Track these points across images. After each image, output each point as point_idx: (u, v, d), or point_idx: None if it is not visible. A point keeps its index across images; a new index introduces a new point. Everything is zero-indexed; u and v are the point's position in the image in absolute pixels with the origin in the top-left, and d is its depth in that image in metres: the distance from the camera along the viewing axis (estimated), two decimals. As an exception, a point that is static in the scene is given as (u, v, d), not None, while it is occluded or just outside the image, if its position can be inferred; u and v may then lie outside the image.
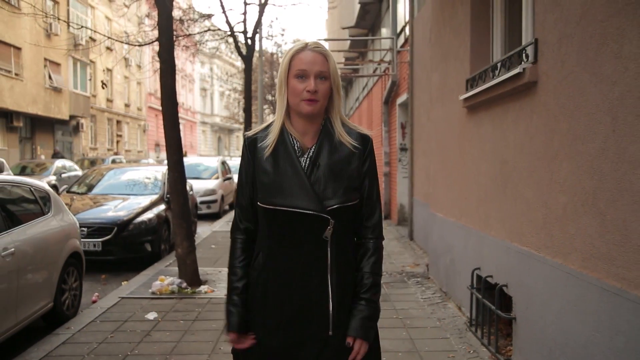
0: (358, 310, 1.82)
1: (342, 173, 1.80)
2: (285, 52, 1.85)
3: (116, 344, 4.35)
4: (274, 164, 1.80)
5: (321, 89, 1.78)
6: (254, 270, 1.87)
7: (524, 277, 3.59)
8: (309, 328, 1.79)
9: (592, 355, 2.69)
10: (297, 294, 1.79)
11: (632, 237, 2.37)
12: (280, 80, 1.82)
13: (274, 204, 1.77)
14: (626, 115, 2.41)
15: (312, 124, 1.84)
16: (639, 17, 2.32)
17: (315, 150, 1.82)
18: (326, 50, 1.82)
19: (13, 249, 4.19)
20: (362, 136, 1.86)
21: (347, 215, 1.81)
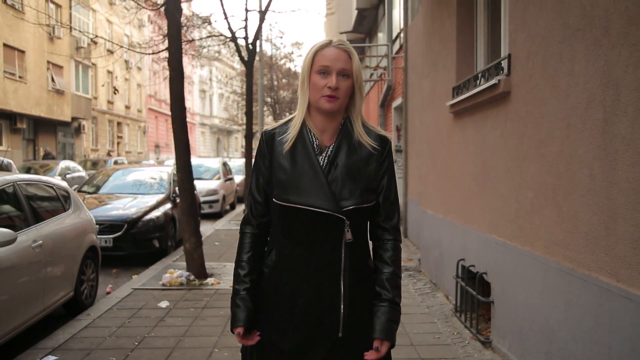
0: (382, 312, 1.79)
1: (360, 174, 1.78)
2: (309, 48, 1.84)
3: (133, 327, 4.79)
4: (292, 161, 1.78)
5: (342, 86, 1.76)
6: (266, 267, 1.87)
7: (500, 265, 4.05)
8: (320, 329, 1.78)
9: (552, 327, 3.14)
10: (309, 294, 1.78)
11: (581, 225, 2.82)
12: (303, 76, 1.81)
13: (289, 201, 1.76)
14: (576, 123, 2.87)
15: (331, 122, 1.83)
16: (585, 41, 2.77)
17: (333, 149, 1.81)
18: (350, 48, 1.80)
19: (41, 242, 4.63)
20: (382, 137, 1.86)
21: (363, 216, 1.81)
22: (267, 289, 1.84)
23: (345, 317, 1.76)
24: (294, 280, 1.79)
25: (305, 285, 1.78)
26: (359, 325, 1.79)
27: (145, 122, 42.09)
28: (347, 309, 1.77)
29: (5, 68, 22.26)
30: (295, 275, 1.79)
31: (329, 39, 1.82)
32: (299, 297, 1.78)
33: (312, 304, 1.78)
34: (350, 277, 1.77)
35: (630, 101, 2.38)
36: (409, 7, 8.95)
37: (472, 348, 4.20)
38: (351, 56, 1.78)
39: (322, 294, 1.77)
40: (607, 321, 2.56)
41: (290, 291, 1.79)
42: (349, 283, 1.77)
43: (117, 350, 4.21)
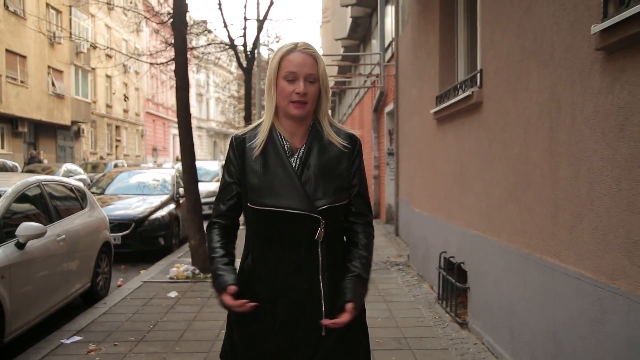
0: (348, 282, 1.82)
1: (332, 173, 1.81)
2: (274, 52, 1.84)
3: (147, 314, 5.30)
4: (264, 164, 1.80)
5: (310, 91, 1.78)
6: (244, 271, 1.87)
7: (475, 254, 4.58)
8: (302, 329, 1.79)
9: (514, 305, 3.67)
10: (290, 295, 1.79)
11: (534, 216, 3.36)
12: (269, 81, 1.81)
13: (264, 204, 1.76)
14: (531, 130, 3.40)
15: (300, 125, 1.84)
16: (537, 62, 3.31)
17: (305, 150, 1.82)
18: (316, 51, 1.81)
19: (64, 236, 5.15)
20: (351, 136, 1.89)
21: (337, 215, 1.84)
22: (245, 294, 1.81)
23: (327, 314, 1.78)
24: (273, 282, 1.79)
25: (285, 287, 1.79)
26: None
27: (142, 125, 42.56)
28: (328, 306, 1.78)
29: (8, 73, 22.74)
30: (274, 277, 1.79)
31: (294, 43, 1.81)
32: (279, 298, 1.79)
33: (294, 304, 1.78)
34: (329, 275, 1.79)
35: (567, 113, 2.92)
36: (399, 18, 9.49)
37: (450, 329, 4.72)
38: (317, 60, 1.79)
39: (302, 294, 1.78)
40: (552, 295, 3.09)
41: (270, 293, 1.80)
42: (328, 281, 1.79)
43: (134, 332, 4.72)
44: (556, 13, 3.04)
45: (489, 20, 4.26)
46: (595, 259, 2.64)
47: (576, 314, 2.82)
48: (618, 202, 2.45)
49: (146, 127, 43.30)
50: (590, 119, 2.68)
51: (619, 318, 2.42)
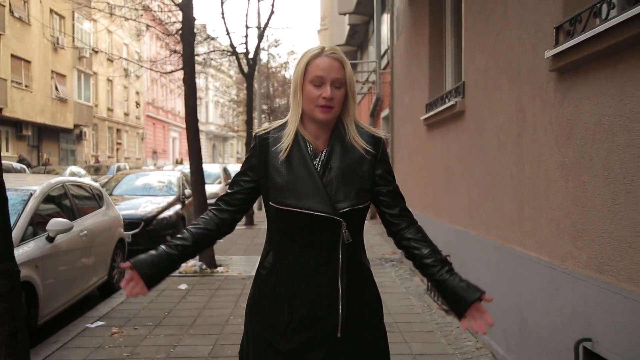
0: (453, 279, 1.80)
1: (354, 175, 1.81)
2: (300, 56, 1.85)
3: (161, 303, 5.80)
4: (288, 165, 1.81)
5: (337, 96, 1.78)
6: (263, 269, 1.89)
7: (458, 247, 5.09)
8: (318, 330, 1.80)
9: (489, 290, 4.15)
10: (308, 296, 1.80)
11: (506, 212, 3.87)
12: (295, 85, 1.82)
13: (286, 204, 1.78)
14: (503, 136, 3.92)
15: (325, 129, 1.86)
16: (508, 78, 3.82)
17: (327, 152, 1.83)
18: (343, 56, 1.82)
19: (86, 232, 5.64)
20: (374, 137, 1.88)
21: (359, 217, 1.83)
22: (264, 291, 1.86)
23: (344, 317, 1.79)
24: (293, 282, 1.81)
25: (304, 287, 1.80)
26: (357, 325, 1.82)
27: (143, 128, 43.05)
28: (346, 309, 1.79)
29: (13, 78, 23.23)
30: (294, 277, 1.81)
31: (320, 47, 1.83)
32: (297, 298, 1.80)
33: (311, 305, 1.79)
34: (348, 277, 1.80)
35: (530, 123, 3.43)
36: (394, 28, 10.01)
37: (437, 315, 5.23)
38: (344, 65, 1.80)
39: (320, 295, 1.79)
40: (519, 278, 3.60)
41: (288, 293, 1.81)
42: (347, 283, 1.79)
43: (151, 318, 5.22)
44: (522, 37, 3.55)
45: (470, 39, 4.78)
46: (550, 245, 3.15)
47: (536, 292, 3.33)
48: (566, 198, 2.96)
49: (146, 130, 43.78)
50: (547, 128, 3.20)
51: (566, 293, 2.93)
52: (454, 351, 4.25)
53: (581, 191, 2.81)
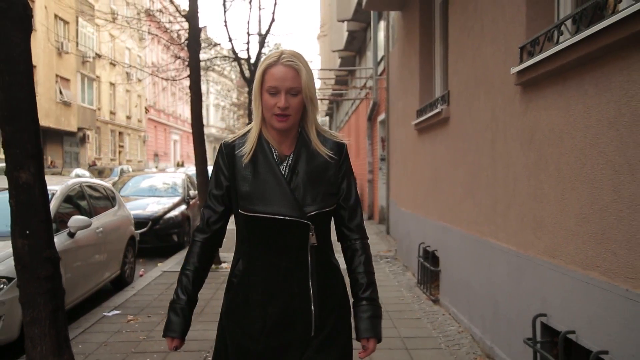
0: (362, 311, 1.87)
1: (320, 179, 1.85)
2: (260, 63, 1.86)
3: (170, 295, 6.20)
4: (254, 171, 1.83)
5: (292, 104, 1.80)
6: (234, 276, 1.91)
7: (445, 242, 5.55)
8: (293, 332, 1.84)
9: (469, 280, 4.64)
10: (280, 300, 1.83)
11: (482, 208, 4.33)
12: (255, 92, 1.84)
13: (255, 211, 1.80)
14: (480, 141, 4.38)
15: (287, 135, 1.88)
16: (484, 89, 4.29)
17: (293, 157, 1.86)
18: (298, 63, 1.80)
19: (102, 229, 6.11)
20: (337, 144, 1.92)
21: (326, 220, 1.88)
22: (236, 299, 1.88)
23: (317, 317, 1.84)
24: (264, 287, 1.84)
25: (276, 291, 1.83)
26: (330, 324, 1.87)
27: (145, 131, 43.54)
28: (318, 309, 1.84)
29: (19, 82, 23.68)
30: (265, 282, 1.83)
31: (278, 54, 1.82)
32: (270, 303, 1.83)
33: (284, 308, 1.83)
34: (319, 277, 1.84)
35: (502, 129, 3.90)
36: (389, 36, 10.49)
37: (425, 305, 5.69)
38: (299, 72, 1.79)
39: (292, 298, 1.83)
40: (493, 267, 4.07)
41: (261, 298, 1.84)
42: (317, 284, 1.84)
43: (162, 307, 5.67)
44: (495, 53, 4.03)
45: (454, 51, 5.25)
46: (517, 236, 3.62)
47: (506, 279, 3.79)
48: (529, 194, 3.42)
49: (148, 133, 44.27)
50: (514, 134, 3.67)
51: (528, 276, 3.40)
52: (438, 335, 4.71)
53: (539, 189, 3.27)
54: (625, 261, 2.39)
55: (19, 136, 3.08)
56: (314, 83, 1.88)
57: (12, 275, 4.36)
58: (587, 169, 2.71)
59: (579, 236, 2.80)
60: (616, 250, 2.45)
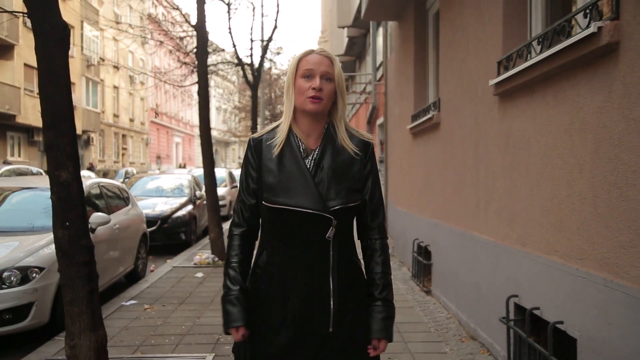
0: (377, 311, 1.90)
1: (345, 175, 1.87)
2: (292, 58, 1.92)
3: (182, 287, 6.73)
4: (280, 164, 1.86)
5: (326, 89, 1.84)
6: (257, 268, 1.94)
7: (436, 238, 6.01)
8: (311, 325, 1.85)
9: (457, 271, 5.10)
10: (300, 292, 1.85)
11: (468, 205, 4.80)
12: (288, 83, 1.88)
13: (279, 203, 1.83)
14: (465, 144, 4.85)
15: (316, 126, 1.90)
16: (469, 97, 4.76)
17: (319, 152, 1.88)
18: (332, 55, 1.89)
19: (118, 225, 6.58)
20: (364, 142, 1.94)
21: (349, 215, 1.89)
22: (259, 289, 1.92)
23: (335, 312, 1.84)
24: (286, 279, 1.86)
25: (296, 283, 1.85)
26: (349, 320, 1.88)
27: (147, 134, 44.06)
28: (337, 304, 1.85)
29: (25, 86, 24.27)
30: (286, 274, 1.86)
31: (311, 49, 1.92)
32: (290, 295, 1.85)
33: (304, 301, 1.85)
34: (339, 273, 1.86)
35: (483, 134, 4.37)
36: (387, 43, 10.96)
37: (418, 296, 6.15)
38: (333, 62, 1.88)
39: (312, 291, 1.85)
40: (476, 257, 4.53)
41: (282, 290, 1.87)
42: (337, 279, 1.85)
43: (175, 298, 6.15)
44: (477, 66, 4.50)
45: (444, 63, 5.72)
46: (496, 229, 4.08)
47: (487, 267, 4.26)
48: (505, 192, 3.89)
49: (151, 135, 44.78)
50: (493, 139, 4.13)
51: (504, 264, 3.87)
52: (428, 320, 5.18)
53: (513, 187, 3.74)
54: (576, 245, 2.85)
55: (59, 140, 3.54)
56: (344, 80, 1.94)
57: (43, 265, 4.85)
58: (549, 169, 3.18)
59: (543, 226, 3.26)
60: (570, 236, 2.92)
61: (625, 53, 2.42)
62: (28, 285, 4.68)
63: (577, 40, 2.70)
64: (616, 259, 2.48)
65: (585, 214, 2.76)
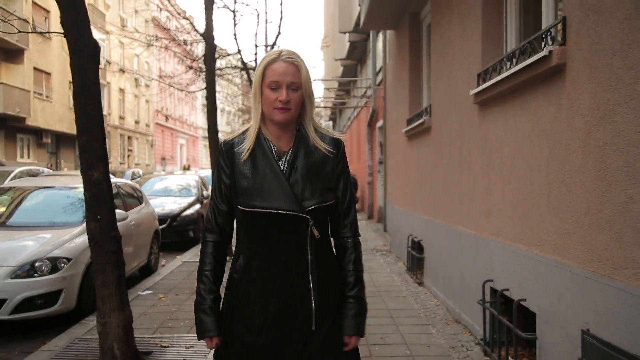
0: (348, 308, 1.92)
1: (319, 174, 1.88)
2: (260, 60, 1.89)
3: (193, 279, 7.23)
4: (253, 167, 1.86)
5: (293, 99, 1.84)
6: (235, 272, 1.92)
7: (427, 233, 6.52)
8: (293, 325, 1.86)
9: (445, 262, 5.60)
10: (280, 294, 1.85)
11: (454, 202, 5.30)
12: (255, 89, 1.88)
13: (255, 206, 1.82)
14: (451, 147, 5.35)
15: (286, 130, 1.91)
16: (455, 104, 5.26)
17: (292, 153, 1.89)
18: (298, 60, 1.86)
19: (134, 222, 7.10)
20: (335, 140, 1.96)
21: (325, 214, 1.91)
22: (237, 293, 1.91)
23: (317, 310, 1.86)
24: (265, 281, 1.86)
25: (276, 285, 1.85)
26: (330, 317, 1.90)
27: (152, 136, 44.66)
28: (318, 302, 1.86)
29: (35, 89, 24.88)
30: (265, 276, 1.86)
31: (278, 52, 1.87)
32: (271, 297, 1.85)
33: (284, 301, 1.85)
34: (318, 272, 1.87)
35: (466, 138, 4.87)
36: (387, 49, 11.47)
37: (412, 287, 6.66)
38: (299, 68, 1.85)
39: (293, 292, 1.85)
40: (460, 249, 5.03)
41: (261, 292, 1.86)
42: (317, 279, 1.86)
43: (187, 288, 6.66)
44: (462, 77, 5.00)
45: (434, 72, 6.23)
46: (476, 223, 4.58)
47: (469, 257, 4.76)
48: (484, 189, 4.39)
49: (156, 137, 45.39)
50: (474, 142, 4.64)
51: (482, 253, 4.37)
52: (419, 307, 5.68)
53: (490, 185, 4.25)
54: (536, 234, 3.36)
55: (91, 144, 4.05)
56: (312, 81, 1.94)
57: (70, 256, 5.38)
58: (516, 169, 3.68)
59: (512, 218, 3.77)
60: (531, 226, 3.42)
61: (570, 72, 2.92)
62: (57, 274, 5.20)
63: (535, 60, 3.20)
64: (564, 243, 2.98)
65: (542, 207, 3.26)
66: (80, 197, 6.60)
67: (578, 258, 2.83)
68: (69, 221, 6.17)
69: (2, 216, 6.32)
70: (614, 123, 2.48)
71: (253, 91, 1.89)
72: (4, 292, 4.94)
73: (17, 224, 6.10)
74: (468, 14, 4.78)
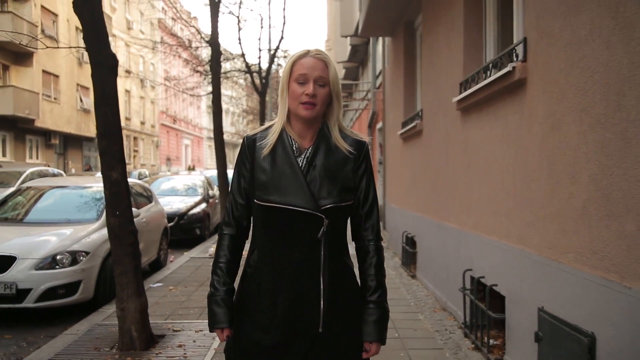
0: (368, 314, 1.89)
1: (337, 174, 1.85)
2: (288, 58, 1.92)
3: (200, 273, 7.71)
4: (272, 163, 1.85)
5: (320, 94, 1.82)
6: (249, 267, 1.92)
7: (420, 229, 6.96)
8: (300, 325, 1.85)
9: (435, 257, 6.05)
10: (290, 292, 1.83)
11: (442, 200, 5.74)
12: (282, 85, 1.87)
13: (270, 201, 1.82)
14: (439, 150, 5.80)
15: (310, 128, 1.89)
16: (442, 111, 5.70)
17: (312, 150, 1.87)
18: (327, 57, 1.85)
19: (145, 219, 7.57)
20: (358, 142, 1.93)
21: (341, 215, 1.86)
22: (249, 288, 1.91)
23: (325, 313, 1.83)
24: (275, 278, 1.84)
25: (286, 282, 1.83)
26: (338, 321, 1.86)
27: (157, 136, 45.22)
28: (327, 305, 1.83)
29: (43, 91, 25.43)
30: (276, 273, 1.84)
31: (306, 50, 1.88)
32: (280, 294, 1.84)
33: (293, 301, 1.83)
34: (330, 273, 1.84)
35: (452, 141, 5.32)
36: (385, 54, 11.91)
37: (405, 279, 7.10)
38: (327, 65, 1.84)
39: (302, 291, 1.83)
40: (446, 243, 5.48)
41: (271, 289, 1.85)
42: (328, 280, 1.83)
43: (195, 281, 7.13)
44: (448, 84, 5.45)
45: (425, 79, 6.68)
46: (459, 218, 5.03)
47: (453, 250, 5.21)
48: (464, 188, 4.84)
49: (161, 138, 45.94)
50: (458, 145, 5.08)
51: (464, 245, 4.82)
52: (410, 298, 6.13)
53: (470, 183, 4.69)
54: (504, 226, 3.81)
55: (110, 147, 4.52)
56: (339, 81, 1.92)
57: (88, 250, 5.85)
58: (490, 169, 4.13)
59: (487, 213, 4.21)
60: (501, 220, 3.87)
61: (529, 86, 3.37)
62: (77, 266, 5.67)
63: (503, 74, 3.65)
64: (525, 234, 3.43)
65: (509, 203, 3.71)
66: (93, 196, 7.10)
67: (536, 246, 3.28)
68: (83, 218, 6.64)
69: (20, 214, 6.80)
70: (560, 131, 2.93)
71: (280, 88, 1.90)
72: (29, 282, 5.42)
73: (35, 221, 6.57)
74: (452, 26, 5.23)
